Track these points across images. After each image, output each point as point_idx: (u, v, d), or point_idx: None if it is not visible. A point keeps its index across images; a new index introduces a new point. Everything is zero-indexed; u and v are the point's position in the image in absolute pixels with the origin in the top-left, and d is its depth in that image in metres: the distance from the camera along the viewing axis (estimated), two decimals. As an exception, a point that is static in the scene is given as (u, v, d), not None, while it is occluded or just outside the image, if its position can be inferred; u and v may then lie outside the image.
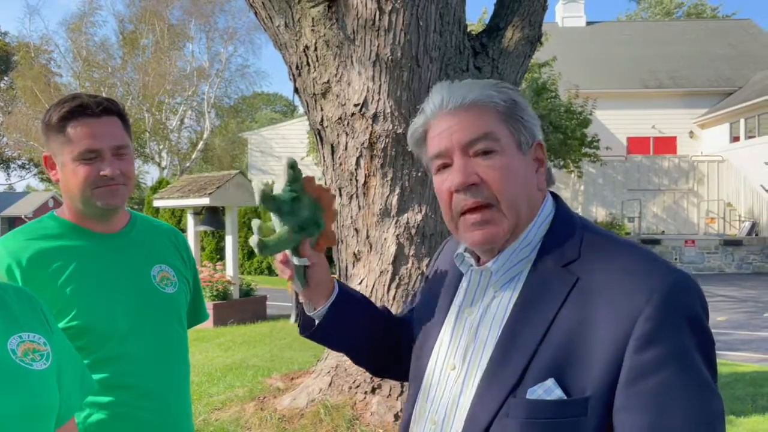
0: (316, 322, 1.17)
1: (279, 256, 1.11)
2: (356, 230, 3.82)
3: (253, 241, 1.04)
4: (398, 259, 3.71)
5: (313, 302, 1.16)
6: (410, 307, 1.28)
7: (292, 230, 1.07)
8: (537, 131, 1.02)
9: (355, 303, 1.20)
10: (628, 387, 0.83)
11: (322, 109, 3.82)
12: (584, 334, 0.87)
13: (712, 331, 0.88)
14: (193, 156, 27.14)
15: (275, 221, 1.08)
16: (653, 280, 0.87)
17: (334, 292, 1.16)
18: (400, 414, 3.65)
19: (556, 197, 1.06)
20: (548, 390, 0.87)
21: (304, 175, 1.08)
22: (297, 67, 3.84)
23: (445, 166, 1.01)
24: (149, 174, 35.25)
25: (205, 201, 9.19)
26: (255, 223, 1.05)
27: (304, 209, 1.07)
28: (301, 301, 1.20)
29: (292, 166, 1.06)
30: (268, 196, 1.04)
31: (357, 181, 3.75)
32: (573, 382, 0.86)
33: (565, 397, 0.86)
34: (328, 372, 4.06)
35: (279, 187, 1.06)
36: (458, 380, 0.99)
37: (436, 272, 1.21)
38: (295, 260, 1.11)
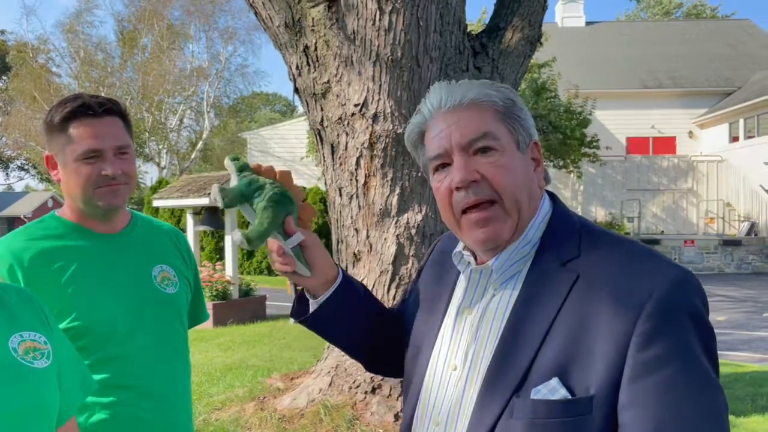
0: (311, 309, 1.14)
1: (275, 249, 1.08)
2: (356, 230, 3.82)
3: (236, 237, 1.03)
4: (398, 259, 3.71)
5: (316, 292, 1.14)
6: (403, 302, 1.26)
7: (266, 208, 1.05)
8: (533, 130, 1.02)
9: (354, 294, 1.18)
10: (633, 384, 0.82)
11: (322, 109, 3.82)
12: (586, 332, 0.87)
13: (712, 331, 0.87)
14: (193, 156, 27.14)
15: (250, 215, 1.08)
16: (654, 276, 0.87)
17: (337, 280, 1.14)
18: (400, 414, 3.65)
19: (552, 196, 1.06)
20: (552, 390, 0.86)
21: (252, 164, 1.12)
22: (297, 67, 3.85)
23: (444, 166, 1.00)
24: (148, 174, 35.26)
25: (204, 201, 9.18)
26: (214, 188, 1.05)
27: (267, 187, 1.07)
28: (298, 289, 1.17)
29: (235, 158, 1.10)
30: (225, 191, 1.05)
31: (357, 181, 3.75)
32: (577, 381, 0.85)
33: (570, 397, 0.85)
34: (328, 372, 4.06)
35: (234, 181, 1.09)
36: (460, 381, 0.98)
37: (430, 272, 1.20)
38: (289, 242, 1.08)
